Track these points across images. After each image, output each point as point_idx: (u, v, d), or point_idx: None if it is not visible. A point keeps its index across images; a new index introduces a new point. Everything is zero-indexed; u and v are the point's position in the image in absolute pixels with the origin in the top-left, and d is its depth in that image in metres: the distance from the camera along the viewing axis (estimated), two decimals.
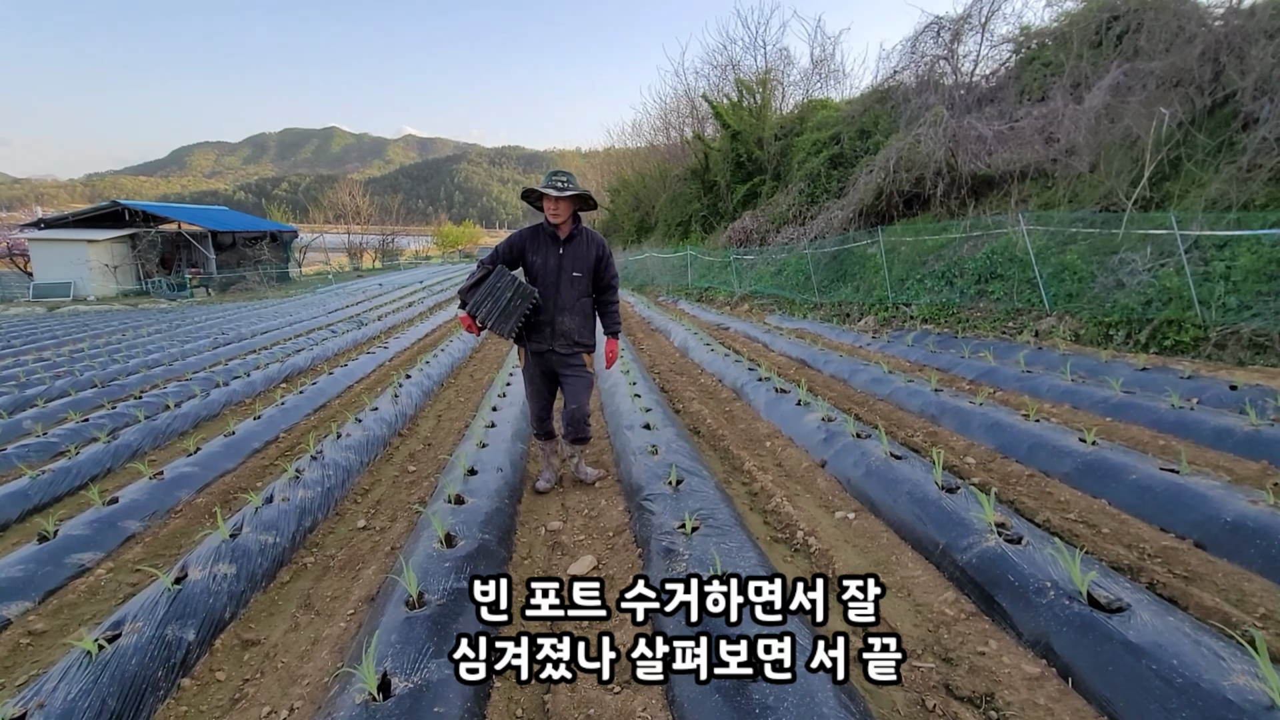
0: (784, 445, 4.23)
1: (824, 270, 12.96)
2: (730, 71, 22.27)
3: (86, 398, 7.20)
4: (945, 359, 6.51)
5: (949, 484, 2.93)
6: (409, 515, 3.60)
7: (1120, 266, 7.91)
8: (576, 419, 3.64)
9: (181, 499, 4.04)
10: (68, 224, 29.31)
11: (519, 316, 3.30)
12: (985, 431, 4.03)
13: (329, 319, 15.13)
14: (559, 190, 3.28)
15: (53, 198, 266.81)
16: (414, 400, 6.11)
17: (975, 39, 13.62)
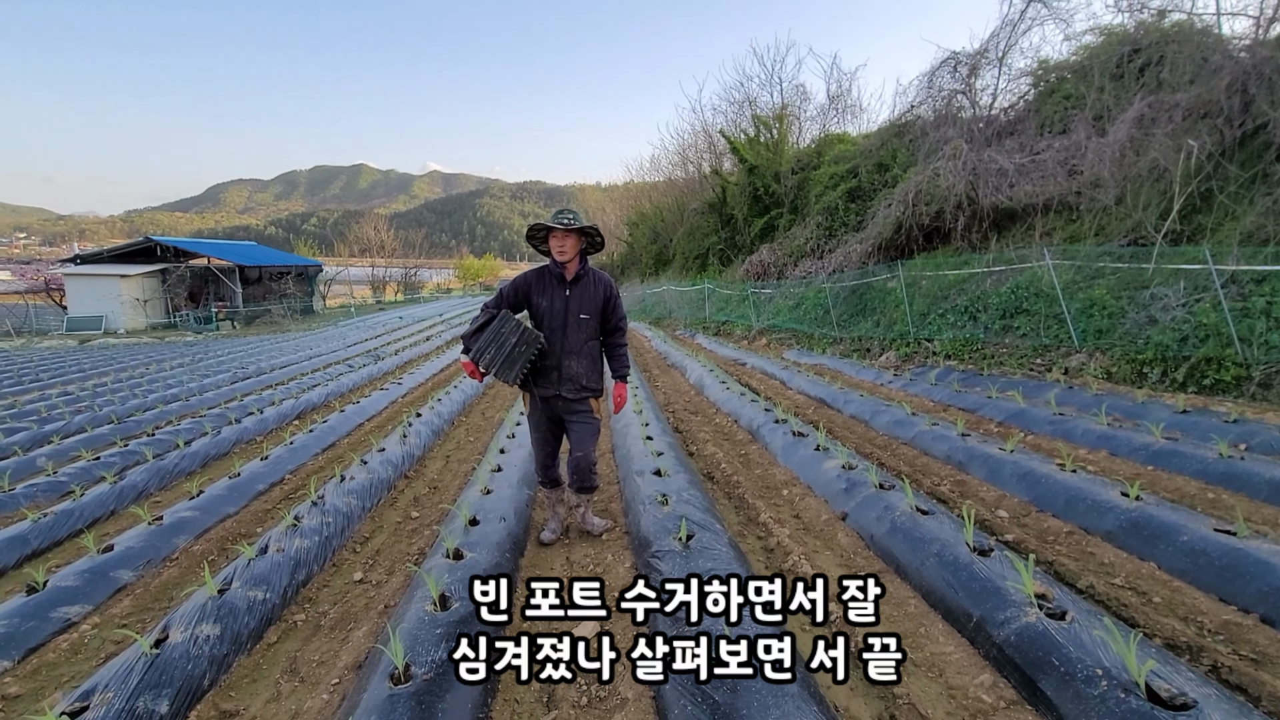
0: (802, 494, 4.01)
1: (843, 304, 12.77)
2: (747, 108, 22.53)
3: (102, 434, 7.22)
4: (971, 399, 6.24)
5: (981, 545, 2.70)
6: (407, 568, 3.44)
7: (1152, 302, 7.62)
8: (582, 467, 3.48)
9: (179, 546, 3.94)
10: (102, 259, 30.29)
11: (524, 362, 3.18)
12: (1018, 482, 3.78)
13: (347, 353, 15.24)
14: (565, 225, 3.19)
15: (93, 233, 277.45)
16: (423, 440, 5.99)
17: (992, 73, 13.56)
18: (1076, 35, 12.62)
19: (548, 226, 3.21)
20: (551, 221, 3.20)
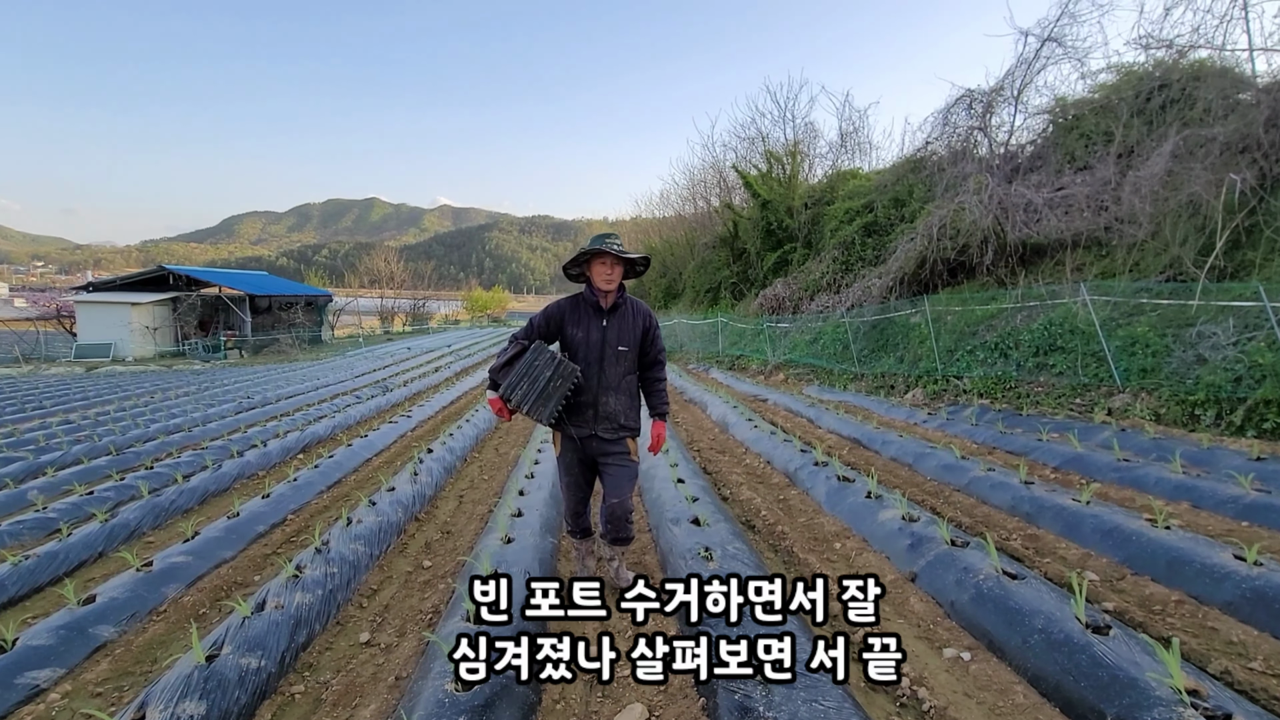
0: (858, 548, 3.62)
1: (864, 340, 12.44)
2: (759, 144, 22.65)
3: (99, 466, 6.91)
4: (1020, 441, 5.84)
5: (1095, 621, 2.31)
6: (420, 627, 3.05)
7: (1199, 340, 7.26)
8: (617, 516, 3.12)
9: (167, 596, 3.57)
10: (115, 287, 30.41)
11: (559, 399, 2.85)
12: (1102, 539, 3.38)
13: (355, 383, 14.96)
14: (618, 252, 2.91)
15: (109, 262, 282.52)
16: (434, 478, 5.63)
17: (1008, 110, 13.52)
18: (1092, 74, 12.63)
19: (596, 252, 2.93)
20: (602, 245, 2.93)
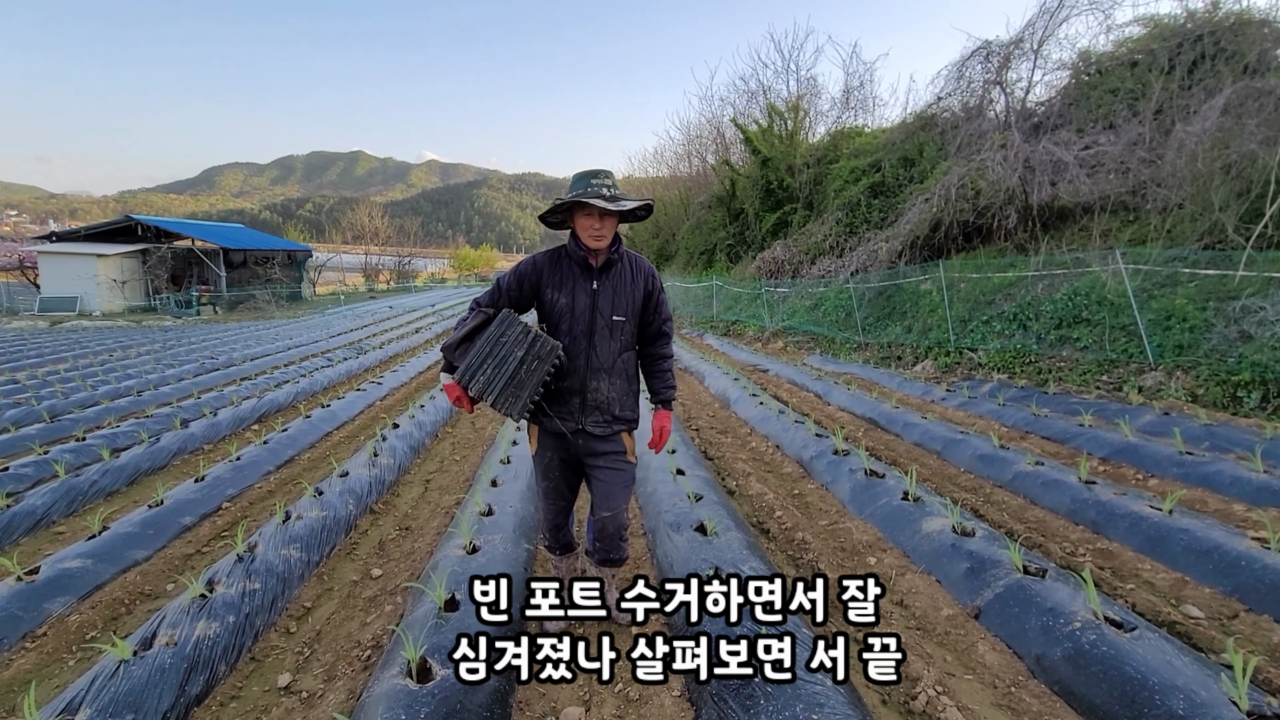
0: (898, 566, 2.98)
1: (869, 307, 11.76)
2: (760, 97, 21.46)
3: (27, 435, 6.17)
4: (1057, 426, 5.21)
5: (1259, 708, 1.69)
6: (355, 669, 2.40)
7: (1243, 315, 6.66)
8: (610, 532, 2.44)
9: (50, 615, 2.89)
10: (79, 238, 28.90)
11: (535, 386, 2.11)
12: (1198, 561, 2.77)
13: (329, 344, 14.13)
14: (609, 200, 2.12)
15: (85, 212, 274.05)
16: (398, 459, 4.94)
17: (1026, 65, 12.61)
18: (1118, 26, 11.77)
19: (580, 202, 2.13)
20: (586, 196, 2.10)
